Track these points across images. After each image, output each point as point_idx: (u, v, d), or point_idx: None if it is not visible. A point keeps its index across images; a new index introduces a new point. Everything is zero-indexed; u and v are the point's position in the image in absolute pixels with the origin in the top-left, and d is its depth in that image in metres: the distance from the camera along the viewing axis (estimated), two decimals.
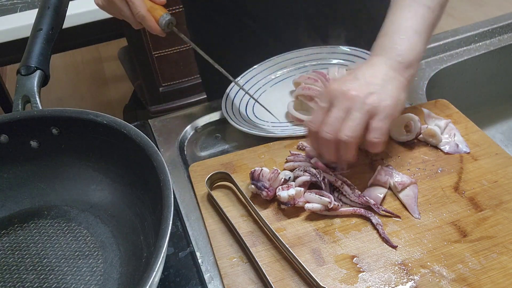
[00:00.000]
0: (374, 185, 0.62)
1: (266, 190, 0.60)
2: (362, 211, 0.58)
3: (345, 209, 0.59)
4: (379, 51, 0.62)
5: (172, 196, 0.47)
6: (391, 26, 0.63)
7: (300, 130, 0.71)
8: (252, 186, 0.61)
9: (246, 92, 0.77)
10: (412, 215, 0.58)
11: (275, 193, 0.60)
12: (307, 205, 0.58)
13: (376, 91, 0.57)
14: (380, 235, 0.56)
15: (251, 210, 0.60)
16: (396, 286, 0.51)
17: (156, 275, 0.42)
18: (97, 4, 0.70)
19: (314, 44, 0.85)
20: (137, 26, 0.70)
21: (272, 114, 0.76)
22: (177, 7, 1.43)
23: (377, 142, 0.57)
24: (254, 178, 0.61)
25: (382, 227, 0.56)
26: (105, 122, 0.56)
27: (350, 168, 0.65)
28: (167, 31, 0.69)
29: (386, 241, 0.55)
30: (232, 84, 0.81)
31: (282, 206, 0.60)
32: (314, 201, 0.58)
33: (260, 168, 0.61)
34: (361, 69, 0.60)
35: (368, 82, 0.58)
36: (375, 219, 0.57)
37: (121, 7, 0.66)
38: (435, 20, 0.63)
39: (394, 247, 0.54)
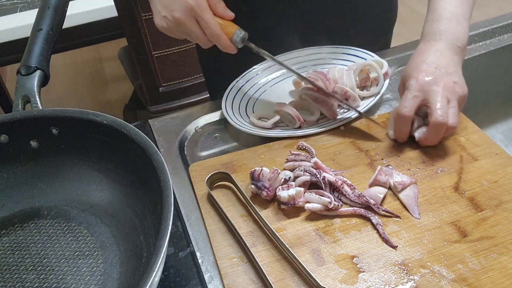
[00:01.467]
0: (374, 185, 0.62)
1: (266, 190, 0.60)
2: (362, 211, 0.58)
3: (345, 209, 0.59)
4: (437, 36, 0.68)
5: (172, 196, 0.47)
6: (443, 12, 0.69)
7: (300, 130, 0.72)
8: (252, 186, 0.61)
9: (291, 70, 0.74)
10: (412, 215, 0.58)
11: (275, 193, 0.60)
12: (307, 205, 0.58)
13: (457, 80, 0.65)
14: (380, 235, 0.56)
15: (251, 210, 0.60)
16: (396, 286, 0.51)
17: (156, 275, 0.42)
18: (160, 27, 0.67)
19: (314, 44, 0.85)
20: (207, 46, 0.68)
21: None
22: None
23: (456, 126, 0.64)
24: (254, 178, 0.61)
25: (382, 227, 0.56)
26: (105, 122, 0.56)
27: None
28: (240, 47, 0.68)
29: (386, 241, 0.55)
30: (232, 84, 0.81)
31: (282, 206, 0.60)
32: (314, 201, 0.58)
33: (260, 168, 0.61)
34: (431, 56, 0.67)
35: (447, 71, 0.65)
36: (375, 219, 0.57)
37: (191, 28, 0.64)
38: (474, 5, 0.71)
39: (394, 247, 0.54)
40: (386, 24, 0.95)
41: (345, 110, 0.75)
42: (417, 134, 0.67)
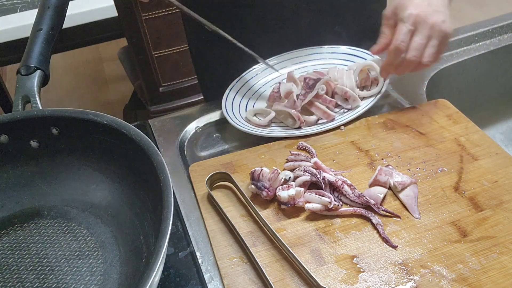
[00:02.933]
0: (374, 185, 0.62)
1: (266, 190, 0.60)
2: (362, 211, 0.58)
3: (345, 209, 0.59)
4: None
5: (172, 196, 0.47)
6: None
7: (300, 130, 0.71)
8: (252, 186, 0.61)
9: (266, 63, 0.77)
10: (412, 215, 0.58)
11: (275, 193, 0.60)
12: (307, 205, 0.58)
13: (445, 18, 0.67)
14: (380, 235, 0.56)
15: (251, 210, 0.60)
16: (396, 286, 0.51)
17: (156, 275, 0.42)
18: None
19: (313, 43, 0.85)
20: None
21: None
22: (172, 8, 1.43)
23: (428, 65, 0.68)
24: (254, 178, 0.61)
25: (382, 227, 0.56)
26: (105, 122, 0.56)
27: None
28: None
29: (386, 241, 0.55)
30: (233, 83, 0.81)
31: (282, 206, 0.60)
32: (314, 201, 0.58)
33: (260, 168, 0.61)
34: None
35: (437, 9, 0.67)
36: (375, 219, 0.57)
37: None
38: None
39: (394, 247, 0.54)
40: (376, 23, 0.95)
41: (345, 111, 0.75)
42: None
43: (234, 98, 0.79)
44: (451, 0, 0.71)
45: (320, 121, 0.73)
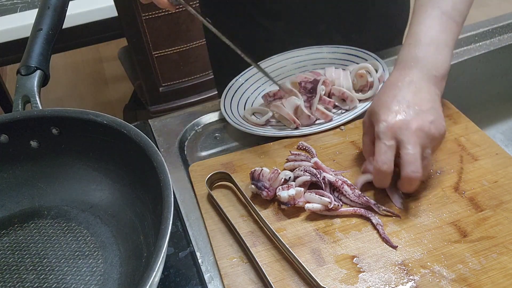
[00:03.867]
0: (364, 172, 0.62)
1: (266, 190, 0.60)
2: (362, 211, 0.58)
3: (345, 209, 0.59)
4: (412, 63, 0.60)
5: (172, 196, 0.47)
6: (422, 37, 0.61)
7: (300, 130, 0.71)
8: (252, 186, 0.61)
9: (267, 75, 0.74)
10: (395, 205, 0.58)
11: (275, 193, 0.60)
12: (307, 205, 0.58)
13: (433, 119, 0.57)
14: (380, 235, 0.56)
15: (251, 210, 0.60)
16: (396, 286, 0.51)
17: (156, 275, 0.42)
18: None
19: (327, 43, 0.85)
20: (145, 1, 0.68)
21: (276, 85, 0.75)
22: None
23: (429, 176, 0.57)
24: (254, 178, 0.61)
25: (382, 227, 0.56)
26: (105, 122, 0.56)
27: None
28: (176, 4, 0.68)
29: (386, 241, 0.55)
30: (231, 82, 0.81)
31: (282, 206, 0.60)
32: (314, 201, 0.58)
33: (260, 168, 0.61)
34: (403, 90, 0.58)
35: (421, 109, 0.57)
36: (375, 219, 0.57)
37: None
38: (459, 33, 0.64)
39: (395, 247, 0.54)
40: (399, 24, 0.95)
41: (343, 111, 0.75)
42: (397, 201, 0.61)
43: (232, 98, 0.79)
44: (444, 80, 0.62)
45: (318, 121, 0.73)
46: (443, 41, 0.61)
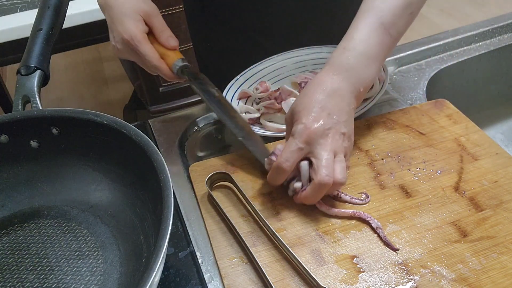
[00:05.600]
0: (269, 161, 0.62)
1: (274, 155, 0.60)
2: (362, 213, 0.58)
3: (344, 211, 0.59)
4: (343, 70, 0.60)
5: (172, 196, 0.47)
6: (358, 45, 0.61)
7: None
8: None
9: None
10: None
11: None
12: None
13: (346, 131, 0.58)
14: (381, 238, 0.56)
15: (251, 210, 0.60)
16: (396, 286, 0.51)
17: (156, 275, 0.42)
18: (115, 51, 0.69)
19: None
20: (153, 73, 0.71)
21: None
22: (172, 8, 1.43)
23: (343, 182, 0.57)
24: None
25: (382, 230, 0.56)
26: (105, 122, 0.56)
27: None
28: (182, 77, 0.69)
29: (387, 244, 0.55)
30: (232, 82, 0.81)
31: (272, 157, 0.59)
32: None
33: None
34: (327, 96, 0.59)
35: (339, 120, 0.58)
36: (374, 222, 0.57)
37: (132, 58, 0.68)
38: (391, 51, 0.65)
39: (396, 250, 0.54)
40: None
41: None
42: (291, 192, 0.60)
43: (232, 97, 0.79)
44: (364, 94, 0.62)
45: None
46: (375, 54, 0.61)
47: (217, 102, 0.68)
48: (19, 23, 1.37)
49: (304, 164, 0.58)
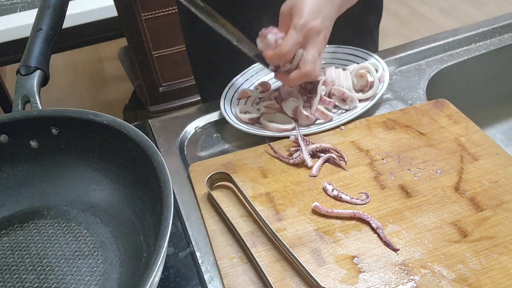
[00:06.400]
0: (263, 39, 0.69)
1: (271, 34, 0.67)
2: (362, 214, 0.58)
3: (344, 211, 0.59)
4: None
5: (172, 196, 0.47)
6: None
7: (300, 130, 0.71)
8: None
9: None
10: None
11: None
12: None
13: (327, 34, 0.68)
14: (381, 239, 0.56)
15: (251, 210, 0.60)
16: (396, 286, 0.51)
17: (156, 275, 0.41)
18: None
19: None
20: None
21: None
22: (172, 8, 1.43)
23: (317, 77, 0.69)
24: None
25: (382, 230, 0.56)
26: (105, 122, 0.56)
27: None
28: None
29: (388, 245, 0.55)
30: (232, 82, 0.81)
31: (270, 68, 0.69)
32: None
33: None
34: (325, 1, 0.66)
35: (326, 24, 0.66)
36: (375, 223, 0.57)
37: None
38: None
39: (396, 250, 0.54)
40: (369, 22, 0.95)
41: (343, 111, 0.75)
42: (272, 67, 0.71)
43: (232, 97, 0.79)
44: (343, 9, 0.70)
45: (318, 121, 0.73)
46: None
47: (206, 13, 0.72)
48: (19, 23, 1.37)
49: (299, 54, 0.68)
